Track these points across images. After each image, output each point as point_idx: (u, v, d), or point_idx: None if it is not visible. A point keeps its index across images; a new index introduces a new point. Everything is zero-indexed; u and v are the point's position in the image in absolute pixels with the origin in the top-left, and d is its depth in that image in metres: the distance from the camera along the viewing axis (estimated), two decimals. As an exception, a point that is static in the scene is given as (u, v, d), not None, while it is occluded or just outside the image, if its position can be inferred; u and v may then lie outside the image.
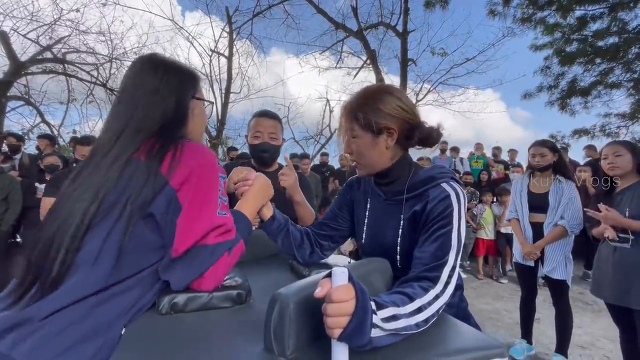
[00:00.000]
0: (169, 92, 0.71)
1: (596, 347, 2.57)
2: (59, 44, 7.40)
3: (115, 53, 7.82)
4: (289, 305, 0.50)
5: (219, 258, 0.66)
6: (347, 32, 8.23)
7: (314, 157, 8.54)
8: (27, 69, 6.92)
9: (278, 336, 0.49)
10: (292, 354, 0.49)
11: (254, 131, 1.44)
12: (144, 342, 0.56)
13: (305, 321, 0.50)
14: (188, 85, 0.76)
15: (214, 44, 8.66)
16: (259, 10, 8.49)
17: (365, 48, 8.05)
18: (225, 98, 8.72)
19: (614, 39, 7.43)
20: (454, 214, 0.71)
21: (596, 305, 3.44)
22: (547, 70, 7.68)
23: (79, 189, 0.62)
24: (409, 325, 0.54)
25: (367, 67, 8.51)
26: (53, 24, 7.23)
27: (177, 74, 0.74)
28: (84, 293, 0.57)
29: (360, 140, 0.79)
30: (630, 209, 1.70)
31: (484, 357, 0.54)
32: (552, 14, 7.61)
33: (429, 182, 0.77)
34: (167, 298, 0.65)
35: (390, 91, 0.80)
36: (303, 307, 0.51)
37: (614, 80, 7.72)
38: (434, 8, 7.62)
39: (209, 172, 0.67)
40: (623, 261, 1.71)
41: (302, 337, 0.50)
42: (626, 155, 1.77)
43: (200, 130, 0.82)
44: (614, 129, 7.81)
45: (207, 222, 0.65)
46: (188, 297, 0.66)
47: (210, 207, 0.66)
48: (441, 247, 0.68)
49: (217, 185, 0.68)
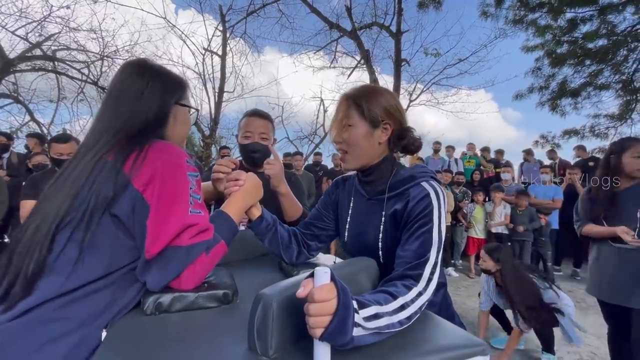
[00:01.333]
0: (152, 97, 0.72)
1: (584, 343, 2.62)
2: (49, 41, 7.29)
3: (107, 51, 7.72)
4: (272, 305, 0.50)
5: (195, 259, 0.65)
6: (341, 31, 8.22)
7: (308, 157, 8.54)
8: (16, 66, 6.79)
9: (261, 336, 0.50)
10: (275, 353, 0.49)
11: (244, 131, 1.42)
12: (128, 343, 0.56)
13: (288, 321, 0.50)
14: (173, 91, 0.77)
15: (207, 43, 8.59)
16: (253, 9, 8.44)
17: (359, 48, 8.06)
18: (218, 97, 8.66)
19: (603, 41, 7.56)
20: (434, 212, 0.72)
21: (584, 303, 3.50)
22: (538, 72, 7.79)
23: (56, 189, 0.63)
24: (391, 323, 0.55)
25: (361, 67, 8.52)
26: (43, 20, 7.10)
27: (163, 80, 0.75)
28: (53, 293, 0.57)
29: (356, 129, 0.81)
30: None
31: (466, 355, 0.54)
32: (543, 15, 7.71)
33: (410, 182, 0.79)
34: (152, 298, 0.64)
35: (390, 92, 0.87)
36: (286, 307, 0.51)
37: (603, 82, 7.85)
38: (427, 9, 7.67)
39: (176, 171, 0.66)
40: (628, 262, 1.66)
41: (285, 337, 0.50)
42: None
43: (181, 135, 0.82)
44: (603, 129, 7.95)
45: (177, 222, 0.64)
46: (173, 297, 0.65)
47: (180, 206, 0.65)
48: (422, 245, 0.69)
49: (186, 183, 0.67)
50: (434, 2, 7.40)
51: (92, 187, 0.61)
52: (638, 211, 1.63)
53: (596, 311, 3.23)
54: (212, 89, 8.74)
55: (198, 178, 0.71)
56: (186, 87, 0.81)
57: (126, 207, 0.62)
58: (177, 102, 0.78)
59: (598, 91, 7.81)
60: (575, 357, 2.42)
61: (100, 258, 0.61)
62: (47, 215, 0.60)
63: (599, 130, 7.93)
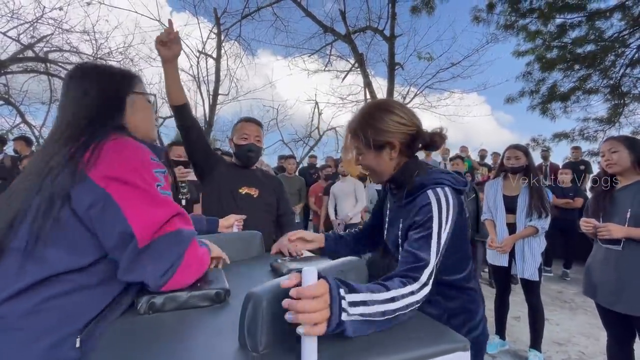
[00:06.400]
0: (98, 91, 0.74)
1: (572, 343, 2.67)
2: (41, 42, 7.23)
3: (100, 53, 7.68)
4: (262, 303, 0.52)
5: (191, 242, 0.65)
6: (335, 35, 8.30)
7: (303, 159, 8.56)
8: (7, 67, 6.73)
9: (251, 333, 0.52)
10: (265, 349, 0.52)
11: (240, 133, 1.61)
12: (123, 342, 0.58)
13: (277, 318, 0.53)
14: (121, 83, 0.78)
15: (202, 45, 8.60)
16: (248, 12, 8.48)
17: (354, 52, 8.14)
18: (213, 100, 8.67)
19: (591, 46, 7.73)
20: (434, 220, 0.75)
21: (574, 304, 3.57)
22: (528, 76, 7.93)
23: (21, 181, 0.65)
24: (377, 312, 0.58)
25: (355, 71, 8.60)
26: (35, 22, 7.05)
27: (108, 75, 0.78)
28: (6, 293, 0.57)
29: (364, 157, 0.89)
30: (632, 209, 1.61)
31: (447, 351, 0.57)
32: (534, 21, 7.87)
33: (419, 190, 0.82)
34: (145, 298, 0.66)
35: (388, 108, 0.87)
36: (276, 305, 0.53)
37: (591, 86, 8.03)
38: (420, 13, 7.78)
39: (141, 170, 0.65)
40: (615, 264, 1.65)
41: (274, 334, 0.53)
42: (623, 152, 1.67)
43: (146, 124, 0.83)
44: (592, 132, 8.12)
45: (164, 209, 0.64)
46: (166, 296, 0.67)
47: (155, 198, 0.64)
48: (421, 250, 0.73)
49: (153, 180, 0.66)
50: (427, 7, 7.52)
51: (51, 180, 0.61)
52: (628, 211, 1.63)
53: (584, 311, 3.30)
54: (206, 91, 8.75)
55: (166, 174, 0.71)
56: (135, 78, 0.83)
57: (85, 202, 0.60)
58: (131, 91, 0.79)
59: (587, 95, 8.00)
60: (564, 356, 2.47)
61: (58, 254, 0.60)
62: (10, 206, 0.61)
63: (588, 134, 8.10)
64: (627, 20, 7.15)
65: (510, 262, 2.36)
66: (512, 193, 2.37)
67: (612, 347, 1.80)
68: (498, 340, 2.50)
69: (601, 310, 1.78)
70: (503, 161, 2.40)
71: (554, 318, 3.19)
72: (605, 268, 1.71)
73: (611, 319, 1.74)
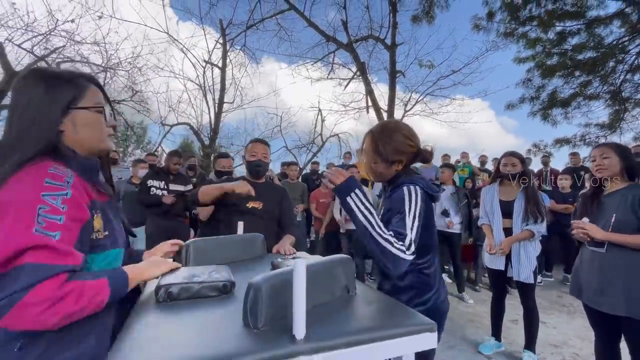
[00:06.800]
0: (37, 110, 0.69)
1: (567, 345, 2.73)
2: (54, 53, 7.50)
3: (110, 63, 7.93)
4: (261, 289, 0.64)
5: (36, 284, 0.56)
6: (337, 44, 8.49)
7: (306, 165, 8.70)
8: (21, 78, 6.97)
9: (252, 313, 0.64)
10: (263, 326, 0.63)
11: (251, 152, 1.93)
12: (146, 324, 0.69)
13: (273, 302, 0.65)
14: (58, 99, 0.71)
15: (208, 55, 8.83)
16: (252, 22, 8.71)
17: (355, 60, 8.30)
18: (218, 108, 8.86)
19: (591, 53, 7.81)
20: (405, 206, 1.03)
21: (572, 308, 3.61)
22: (528, 83, 8.01)
23: None
24: (368, 220, 0.92)
25: (357, 78, 8.76)
26: (48, 34, 7.33)
27: (48, 88, 0.71)
28: None
29: (379, 165, 1.17)
30: (617, 215, 1.67)
31: (416, 331, 0.68)
32: (534, 29, 7.98)
33: (399, 186, 1.11)
34: (164, 288, 0.78)
35: (404, 133, 1.16)
36: (272, 291, 0.65)
37: (592, 92, 8.09)
38: (421, 22, 7.94)
39: (22, 194, 0.61)
40: (600, 266, 1.73)
41: (271, 313, 0.64)
42: (613, 158, 1.74)
43: (93, 138, 0.77)
44: (594, 138, 8.15)
45: (16, 238, 0.57)
46: (181, 287, 0.79)
47: (17, 224, 0.58)
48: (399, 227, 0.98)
49: (34, 203, 0.60)
50: (427, 17, 7.67)
51: None
52: (613, 216, 1.68)
53: (581, 315, 3.34)
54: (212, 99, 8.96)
55: (66, 197, 0.65)
56: (81, 87, 0.75)
57: None
58: (70, 107, 0.73)
59: (587, 101, 8.05)
60: (558, 357, 2.53)
61: None
62: None
63: (589, 139, 8.14)
64: (627, 28, 7.23)
65: (506, 266, 2.44)
66: (508, 198, 2.45)
67: (599, 347, 1.87)
68: (494, 342, 2.57)
69: (588, 311, 1.85)
70: (499, 167, 2.49)
71: (552, 321, 3.25)
72: (591, 269, 1.79)
73: (597, 318, 1.81)
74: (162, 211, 3.33)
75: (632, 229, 1.62)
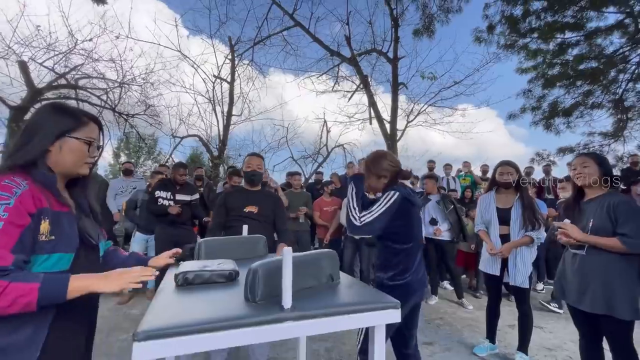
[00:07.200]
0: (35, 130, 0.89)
1: (562, 349, 2.81)
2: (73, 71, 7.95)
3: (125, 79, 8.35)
4: (258, 272, 0.83)
5: None
6: (341, 58, 8.79)
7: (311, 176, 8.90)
8: (43, 95, 7.41)
9: (251, 290, 0.82)
10: (260, 300, 0.81)
11: (247, 164, 2.31)
12: (168, 301, 0.88)
13: (267, 281, 0.83)
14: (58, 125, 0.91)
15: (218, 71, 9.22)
16: (260, 38, 9.11)
17: (359, 74, 8.59)
18: (226, 120, 9.19)
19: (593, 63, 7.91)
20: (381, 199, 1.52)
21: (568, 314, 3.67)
22: (528, 93, 8.14)
23: None
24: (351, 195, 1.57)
25: (361, 91, 9.02)
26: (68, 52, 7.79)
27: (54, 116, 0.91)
28: None
29: (371, 179, 1.68)
30: (594, 220, 1.78)
31: (381, 307, 0.85)
32: (534, 40, 8.15)
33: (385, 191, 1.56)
34: (182, 274, 0.97)
35: (385, 156, 1.69)
36: (266, 273, 0.84)
37: (594, 101, 8.17)
38: (422, 36, 8.20)
39: None
40: (580, 267, 1.84)
41: (266, 291, 0.83)
42: (593, 166, 1.85)
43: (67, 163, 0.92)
44: (597, 147, 8.19)
45: None
46: (196, 274, 0.98)
47: None
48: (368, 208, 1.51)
49: None
50: (427, 31, 7.94)
51: None
52: (591, 221, 1.79)
53: (577, 320, 3.41)
54: (221, 112, 9.30)
55: (8, 206, 0.77)
56: (80, 123, 0.94)
57: None
58: (64, 134, 0.91)
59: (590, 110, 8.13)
60: None
61: None
62: None
63: (593, 148, 8.18)
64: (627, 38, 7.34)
65: (502, 271, 2.53)
66: (505, 206, 2.54)
67: (583, 346, 1.98)
68: (488, 344, 2.67)
69: (572, 311, 1.97)
70: (495, 176, 2.60)
71: (548, 326, 3.32)
72: (572, 271, 1.91)
73: (580, 318, 1.93)
74: (169, 220, 3.55)
75: (608, 233, 1.74)
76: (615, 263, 1.75)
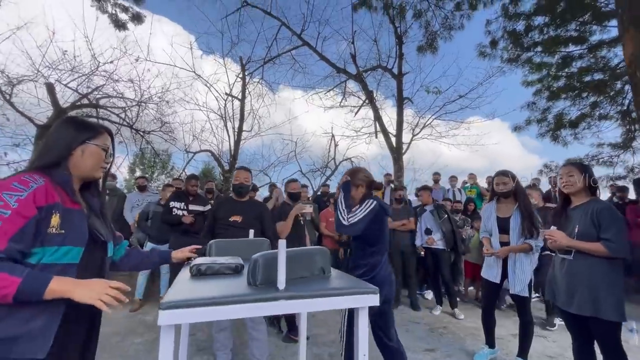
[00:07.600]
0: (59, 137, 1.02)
1: (563, 356, 2.84)
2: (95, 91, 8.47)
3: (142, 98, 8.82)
4: (259, 261, 1.00)
5: None
6: (347, 75, 9.11)
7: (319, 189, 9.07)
8: (67, 113, 7.91)
9: (253, 275, 0.99)
10: (260, 284, 0.99)
11: (235, 177, 2.59)
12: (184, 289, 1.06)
13: (266, 269, 1.00)
14: (80, 134, 1.04)
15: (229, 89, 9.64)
16: (269, 57, 9.53)
17: (364, 90, 8.87)
18: (237, 136, 9.53)
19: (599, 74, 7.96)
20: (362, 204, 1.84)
21: (575, 324, 3.66)
22: (533, 106, 8.21)
23: None
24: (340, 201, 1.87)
25: (367, 106, 9.27)
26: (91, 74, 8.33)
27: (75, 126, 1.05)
28: None
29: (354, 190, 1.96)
30: (579, 226, 1.88)
31: (362, 292, 1.01)
32: (538, 54, 8.28)
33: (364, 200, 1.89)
34: (195, 266, 1.15)
35: (361, 170, 2.03)
36: (265, 262, 1.01)
37: (602, 113, 8.17)
38: (425, 52, 8.46)
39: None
40: (568, 271, 1.92)
41: (265, 276, 1.00)
42: (578, 175, 1.94)
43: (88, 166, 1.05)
44: (607, 158, 8.14)
45: None
46: (207, 266, 1.16)
47: None
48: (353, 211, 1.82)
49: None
50: (431, 48, 8.20)
51: None
52: (576, 227, 1.90)
53: (581, 329, 3.40)
54: (232, 128, 9.66)
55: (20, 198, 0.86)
56: (98, 132, 1.08)
57: None
58: (85, 141, 1.04)
59: (597, 121, 8.13)
60: (552, 366, 2.65)
61: None
62: None
63: (602, 159, 8.14)
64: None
65: (502, 280, 2.60)
66: (504, 215, 2.62)
67: (575, 350, 2.05)
68: (487, 349, 2.73)
69: (562, 314, 2.04)
70: (494, 187, 2.69)
71: (552, 336, 3.34)
72: (561, 274, 2.00)
73: (570, 321, 2.01)
74: (183, 229, 3.76)
75: (593, 238, 1.84)
76: (600, 266, 1.83)
